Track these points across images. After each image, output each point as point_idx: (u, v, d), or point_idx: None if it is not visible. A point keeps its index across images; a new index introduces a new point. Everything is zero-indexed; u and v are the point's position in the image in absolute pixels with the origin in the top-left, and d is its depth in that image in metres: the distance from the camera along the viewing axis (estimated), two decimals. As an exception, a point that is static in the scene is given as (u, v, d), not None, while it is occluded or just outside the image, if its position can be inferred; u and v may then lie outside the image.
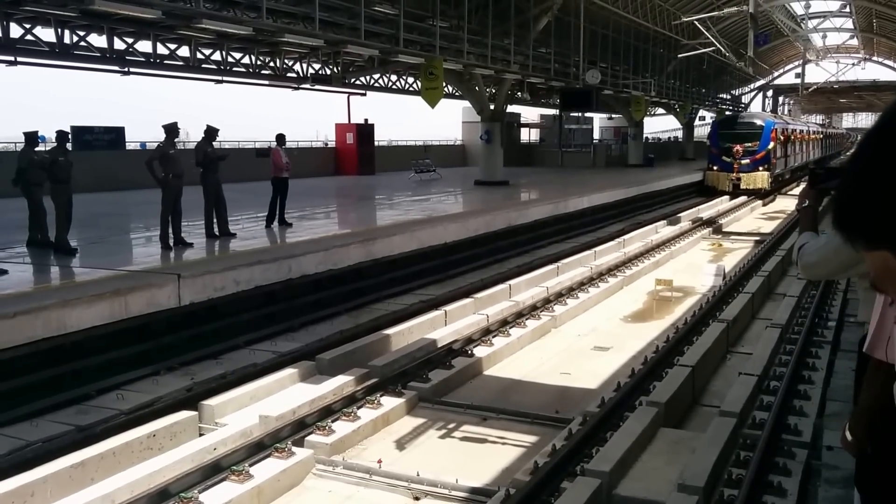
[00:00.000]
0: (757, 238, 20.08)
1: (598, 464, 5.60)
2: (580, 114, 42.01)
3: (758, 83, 61.72)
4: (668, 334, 9.99)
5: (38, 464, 5.73)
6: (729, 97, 58.01)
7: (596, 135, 50.47)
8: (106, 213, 15.80)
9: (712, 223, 22.34)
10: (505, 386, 8.60)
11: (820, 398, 6.96)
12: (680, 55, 36.55)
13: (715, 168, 31.35)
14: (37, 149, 12.17)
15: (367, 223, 15.45)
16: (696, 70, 43.63)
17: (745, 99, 61.89)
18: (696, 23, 31.88)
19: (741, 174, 30.40)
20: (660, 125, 63.25)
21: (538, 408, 7.62)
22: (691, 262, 16.73)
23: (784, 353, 8.51)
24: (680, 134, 52.27)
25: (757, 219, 26.14)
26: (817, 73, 57.10)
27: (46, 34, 14.79)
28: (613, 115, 44.36)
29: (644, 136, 43.56)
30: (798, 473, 5.59)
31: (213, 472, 5.86)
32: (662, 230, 20.19)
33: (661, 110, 45.53)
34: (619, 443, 5.97)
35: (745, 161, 30.43)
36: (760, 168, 30.47)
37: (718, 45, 32.80)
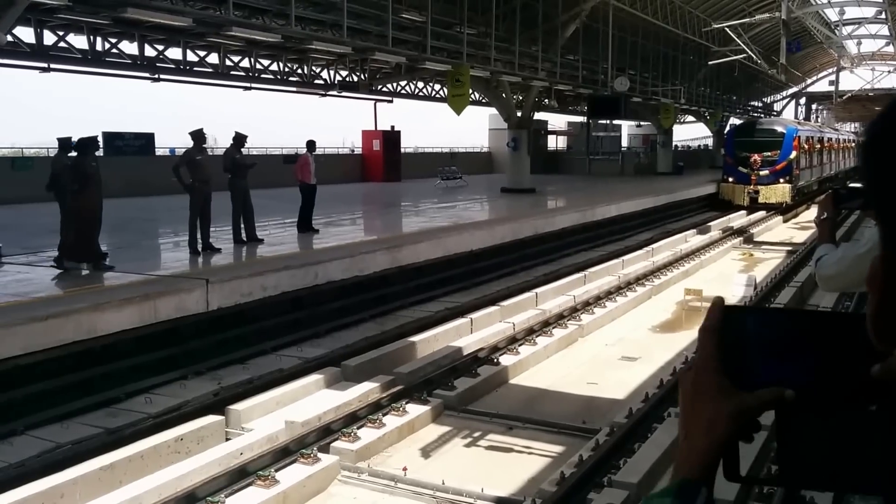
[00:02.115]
0: (789, 248, 19.75)
1: (626, 475, 5.54)
2: (608, 121, 41.71)
3: (790, 91, 60.83)
4: (698, 345, 9.82)
5: (68, 465, 5.80)
6: (761, 105, 57.27)
7: (624, 142, 50.03)
8: (135, 219, 16.01)
9: (743, 232, 22.04)
10: (531, 395, 8.54)
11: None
12: (710, 62, 36.09)
13: (730, 179, 28.08)
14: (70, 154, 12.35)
15: (394, 230, 15.47)
16: (727, 77, 43.01)
17: (777, 107, 61.05)
18: (727, 29, 31.42)
19: (759, 186, 27.17)
20: (690, 133, 62.47)
21: (565, 418, 7.56)
22: (721, 272, 16.50)
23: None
24: (710, 142, 51.66)
25: (789, 228, 25.72)
26: (852, 81, 56.08)
27: (79, 41, 15.10)
28: (642, 123, 44.02)
29: (673, 143, 43.13)
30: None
31: (240, 476, 5.89)
32: (692, 239, 19.94)
33: (690, 118, 45.03)
34: (647, 454, 5.89)
35: (764, 172, 27.20)
36: (781, 180, 27.28)
37: (750, 52, 32.31)
